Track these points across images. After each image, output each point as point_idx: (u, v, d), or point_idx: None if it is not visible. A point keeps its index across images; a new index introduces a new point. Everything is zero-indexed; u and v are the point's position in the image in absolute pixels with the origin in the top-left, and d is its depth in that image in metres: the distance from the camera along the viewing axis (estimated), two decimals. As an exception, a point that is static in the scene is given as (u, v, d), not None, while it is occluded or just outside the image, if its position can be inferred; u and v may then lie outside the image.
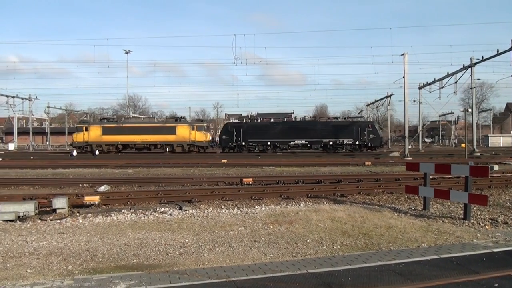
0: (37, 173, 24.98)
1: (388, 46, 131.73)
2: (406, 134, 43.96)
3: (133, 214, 11.52)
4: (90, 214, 11.49)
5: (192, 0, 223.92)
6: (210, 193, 14.65)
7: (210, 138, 57.18)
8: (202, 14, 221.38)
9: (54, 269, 6.90)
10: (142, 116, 76.12)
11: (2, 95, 65.23)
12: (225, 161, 32.47)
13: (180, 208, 12.24)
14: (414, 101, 59.20)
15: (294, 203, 13.24)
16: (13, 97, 68.70)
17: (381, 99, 75.23)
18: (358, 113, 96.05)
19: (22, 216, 11.18)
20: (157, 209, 12.16)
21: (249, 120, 60.54)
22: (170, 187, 17.48)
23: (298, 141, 54.68)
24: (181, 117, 62.24)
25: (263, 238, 8.74)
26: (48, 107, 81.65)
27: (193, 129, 55.33)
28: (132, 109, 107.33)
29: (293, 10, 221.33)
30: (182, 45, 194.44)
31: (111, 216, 11.28)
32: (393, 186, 16.58)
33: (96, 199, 12.99)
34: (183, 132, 55.11)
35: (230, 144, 55.31)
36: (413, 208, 12.33)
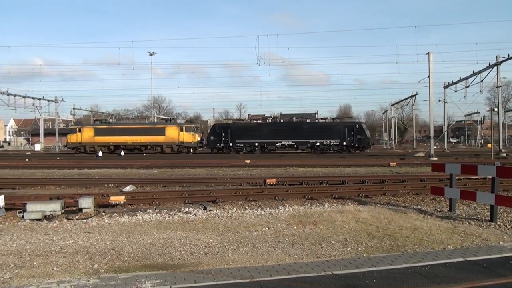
0: (63, 173, 25.36)
1: (412, 45, 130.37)
2: (431, 134, 43.42)
3: (158, 214, 11.62)
4: (115, 214, 11.63)
5: (216, 2, 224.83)
6: (234, 194, 14.68)
7: (199, 139, 58.11)
8: (225, 15, 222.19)
9: (80, 268, 6.99)
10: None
11: (28, 97, 66.40)
12: (249, 161, 32.53)
13: (205, 208, 12.30)
14: (439, 100, 58.48)
15: (318, 204, 13.18)
16: (39, 99, 69.98)
17: (406, 99, 74.44)
18: (383, 113, 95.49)
19: (49, 216, 11.35)
20: (182, 209, 12.23)
21: (238, 121, 61.35)
22: (194, 187, 17.55)
23: (285, 142, 55.15)
24: (171, 119, 63.84)
25: (287, 239, 8.72)
26: (73, 108, 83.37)
27: (181, 130, 56.35)
28: (157, 110, 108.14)
29: (316, 9, 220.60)
30: (206, 47, 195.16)
31: (136, 215, 11.39)
32: (419, 187, 16.40)
33: (121, 199, 13.13)
34: (172, 133, 56.14)
35: (218, 145, 55.83)
36: (439, 210, 12.17)
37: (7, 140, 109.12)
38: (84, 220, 10.92)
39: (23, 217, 11.22)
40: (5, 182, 19.82)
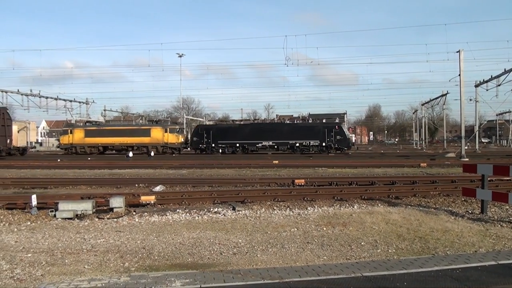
0: (94, 174, 25.76)
1: (443, 43, 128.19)
2: (463, 134, 42.69)
3: (188, 214, 11.71)
4: (146, 213, 11.76)
5: (244, 2, 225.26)
6: (262, 194, 14.70)
7: (183, 140, 59.42)
8: (253, 16, 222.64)
9: (111, 266, 7.11)
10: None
11: (60, 99, 67.51)
12: (277, 162, 32.52)
13: (233, 209, 12.34)
14: (471, 99, 57.42)
15: (347, 205, 13.08)
16: (70, 101, 71.12)
17: (436, 98, 73.17)
18: (413, 113, 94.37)
19: (80, 215, 11.55)
20: (211, 209, 12.30)
21: (220, 123, 63.23)
22: (223, 187, 17.63)
23: (265, 143, 56.03)
24: (157, 120, 66.24)
25: (316, 240, 8.70)
26: (104, 110, 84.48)
27: (166, 131, 57.82)
28: (186, 111, 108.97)
29: (343, 8, 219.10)
30: (234, 48, 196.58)
31: (166, 215, 11.51)
32: (450, 188, 16.14)
33: (151, 198, 13.28)
34: (156, 135, 57.70)
35: (200, 145, 57.22)
36: (470, 212, 11.97)
37: (39, 141, 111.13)
38: (115, 219, 11.08)
39: (55, 216, 11.45)
40: (38, 181, 20.30)
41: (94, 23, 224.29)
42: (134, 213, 11.95)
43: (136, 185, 18.86)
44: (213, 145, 56.44)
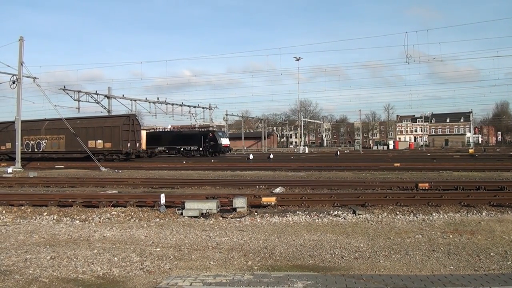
0: (217, 175, 26.73)
1: None
2: None
3: (307, 216, 11.76)
4: (267, 214, 12.00)
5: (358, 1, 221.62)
6: (384, 198, 14.29)
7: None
8: (367, 15, 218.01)
9: (235, 263, 7.36)
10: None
11: (185, 105, 72.34)
12: (398, 164, 31.58)
13: (354, 212, 12.18)
14: None
15: (475, 211, 12.34)
16: (194, 107, 75.73)
17: None
18: None
19: (205, 213, 12.03)
20: (331, 212, 12.24)
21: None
22: (342, 190, 17.47)
23: (160, 148, 64.42)
24: None
25: (442, 248, 8.31)
26: (226, 114, 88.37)
27: None
28: (303, 113, 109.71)
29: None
30: (348, 48, 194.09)
31: (286, 216, 11.66)
32: None
33: (272, 200, 13.49)
34: None
35: None
36: None
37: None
38: (238, 219, 11.44)
39: (181, 214, 12.06)
40: (165, 182, 21.56)
41: (212, 32, 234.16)
42: (255, 213, 12.23)
43: (257, 186, 19.26)
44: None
